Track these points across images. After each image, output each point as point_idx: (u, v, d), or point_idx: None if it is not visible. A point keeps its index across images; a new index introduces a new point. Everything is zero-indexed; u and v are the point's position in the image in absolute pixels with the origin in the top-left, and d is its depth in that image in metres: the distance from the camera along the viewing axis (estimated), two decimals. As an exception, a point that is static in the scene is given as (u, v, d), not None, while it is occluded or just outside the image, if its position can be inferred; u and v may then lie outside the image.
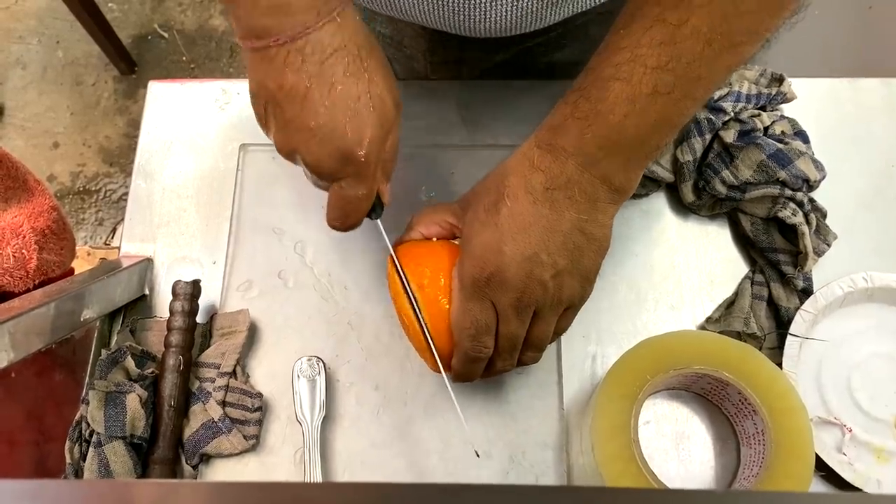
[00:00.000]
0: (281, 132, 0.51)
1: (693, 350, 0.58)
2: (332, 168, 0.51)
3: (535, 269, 0.51)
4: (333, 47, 0.48)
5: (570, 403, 0.64)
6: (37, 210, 0.65)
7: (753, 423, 0.58)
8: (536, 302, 0.52)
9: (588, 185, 0.50)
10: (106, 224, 1.97)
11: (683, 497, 0.25)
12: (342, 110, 0.49)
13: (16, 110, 2.14)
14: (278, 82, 0.49)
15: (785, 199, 0.65)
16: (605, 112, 0.48)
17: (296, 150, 0.51)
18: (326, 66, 0.48)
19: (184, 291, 0.63)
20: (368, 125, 0.50)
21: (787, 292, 0.65)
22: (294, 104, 0.49)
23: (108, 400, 0.59)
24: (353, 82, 0.49)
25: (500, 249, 0.51)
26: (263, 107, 0.51)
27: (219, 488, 0.28)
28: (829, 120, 0.72)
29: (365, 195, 0.54)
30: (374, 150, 0.51)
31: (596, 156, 0.49)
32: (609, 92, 0.47)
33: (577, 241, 0.51)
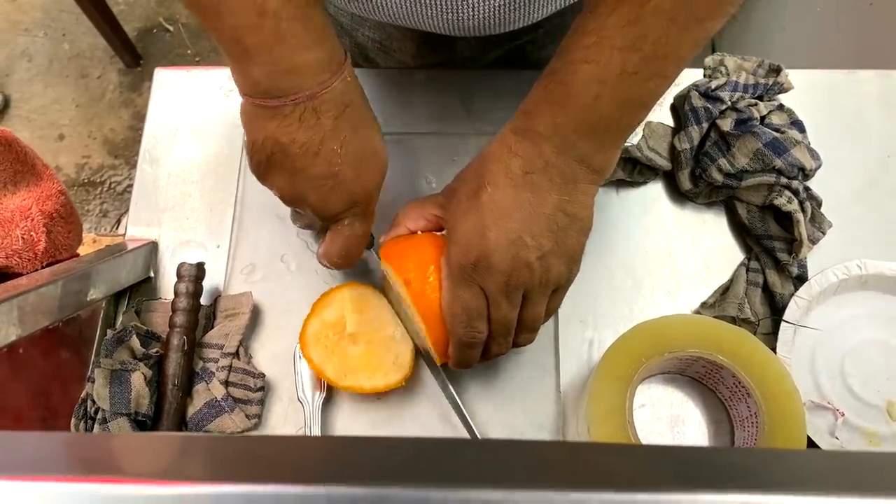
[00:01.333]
0: (289, 180, 0.55)
1: (688, 333, 0.59)
2: (338, 210, 0.56)
3: (520, 252, 0.51)
4: (345, 104, 0.52)
5: (566, 387, 0.65)
6: (45, 194, 0.66)
7: (747, 406, 0.59)
8: (524, 284, 0.53)
9: (566, 168, 0.51)
10: (110, 216, 1.98)
11: (677, 453, 0.26)
12: (352, 160, 0.54)
13: (21, 102, 2.15)
14: (291, 137, 0.52)
15: (780, 188, 0.66)
16: (576, 94, 0.49)
17: (304, 196, 0.55)
18: (340, 121, 0.52)
19: (188, 273, 0.65)
20: (373, 172, 0.56)
21: (781, 279, 0.66)
22: (307, 156, 0.53)
23: (113, 378, 0.60)
24: (361, 135, 0.54)
25: (483, 235, 0.52)
26: (268, 156, 0.54)
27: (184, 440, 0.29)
28: (825, 110, 0.73)
29: (366, 232, 0.59)
30: (376, 197, 0.57)
31: (570, 138, 0.50)
32: (579, 74, 0.48)
33: (561, 223, 0.52)
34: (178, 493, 0.23)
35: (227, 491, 0.23)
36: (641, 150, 0.68)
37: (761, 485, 0.24)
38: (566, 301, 0.66)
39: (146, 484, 0.23)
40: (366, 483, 0.23)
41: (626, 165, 0.70)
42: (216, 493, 0.23)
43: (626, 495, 0.23)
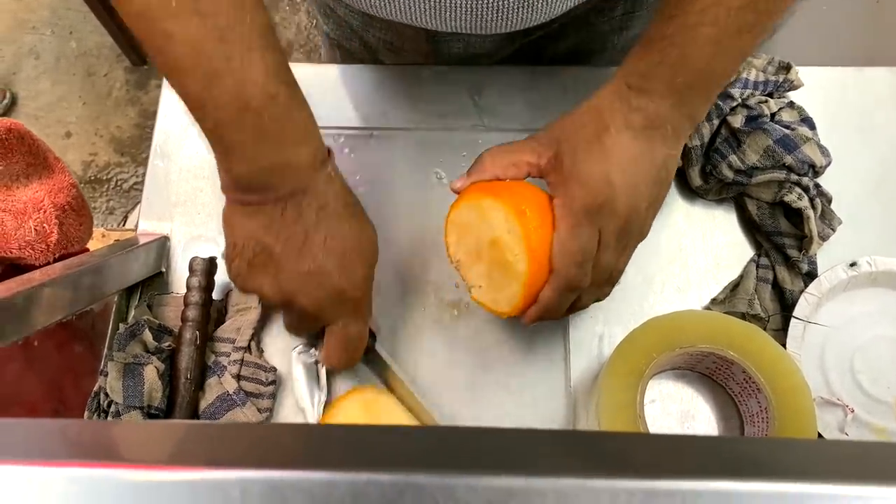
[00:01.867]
0: (274, 281, 0.54)
1: (699, 329, 0.59)
2: (330, 309, 0.56)
3: (637, 200, 0.53)
4: (327, 198, 0.53)
5: (576, 382, 0.65)
6: (57, 186, 0.66)
7: (757, 401, 0.59)
8: (631, 232, 0.55)
9: (677, 122, 0.53)
10: (117, 213, 1.99)
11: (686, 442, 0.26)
12: (338, 255, 0.53)
13: (28, 100, 2.16)
14: (275, 235, 0.52)
15: (791, 184, 0.66)
16: (693, 57, 0.50)
17: (293, 296, 0.54)
18: (322, 215, 0.52)
19: (201, 268, 0.65)
20: (361, 266, 0.56)
21: (791, 275, 0.66)
22: (291, 255, 0.52)
23: (126, 371, 0.61)
24: (346, 229, 0.54)
25: (609, 179, 0.52)
26: (249, 260, 0.54)
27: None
28: (835, 108, 0.73)
29: (363, 330, 0.60)
30: (367, 292, 0.57)
31: (686, 95, 0.52)
32: (697, 37, 0.49)
33: (663, 176, 0.54)
34: (204, 477, 0.23)
35: (250, 476, 0.23)
36: None
37: (778, 473, 0.24)
38: (576, 297, 0.67)
39: (173, 470, 0.23)
40: (388, 469, 0.23)
41: (637, 162, 0.70)
42: (240, 477, 0.23)
43: (645, 482, 0.23)
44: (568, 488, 0.23)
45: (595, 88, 0.56)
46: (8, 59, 2.21)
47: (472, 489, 0.23)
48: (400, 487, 0.23)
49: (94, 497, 0.23)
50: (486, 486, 0.23)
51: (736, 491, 0.23)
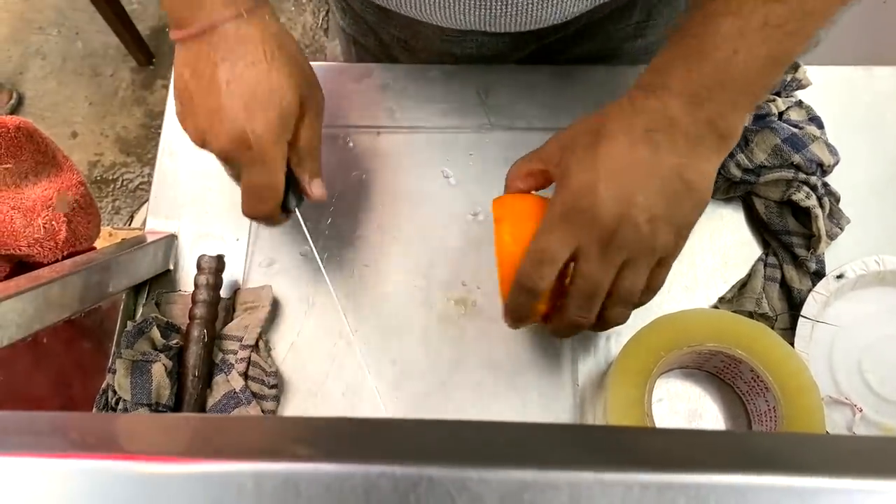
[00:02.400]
0: (192, 119, 0.55)
1: (707, 328, 0.59)
2: (233, 153, 0.55)
3: (630, 211, 0.48)
4: (238, 39, 0.53)
5: (584, 380, 0.65)
6: (66, 184, 0.66)
7: (765, 400, 0.59)
8: (628, 245, 0.49)
9: (691, 128, 0.48)
10: (122, 213, 2.00)
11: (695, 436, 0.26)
12: (240, 94, 0.53)
13: (35, 100, 2.16)
14: (191, 70, 0.54)
15: (799, 183, 0.65)
16: (712, 48, 0.46)
17: (203, 135, 0.55)
18: (231, 55, 0.53)
19: (208, 265, 0.65)
20: (264, 110, 0.53)
21: (799, 274, 0.66)
22: (202, 89, 0.53)
23: (134, 369, 0.61)
24: (253, 70, 0.53)
25: (594, 189, 0.48)
26: (178, 97, 0.55)
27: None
28: (843, 107, 0.73)
29: (267, 184, 0.56)
30: (270, 136, 0.54)
31: (701, 95, 0.47)
32: (717, 27, 0.46)
33: (676, 188, 0.48)
34: (219, 469, 0.23)
35: (264, 468, 0.23)
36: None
37: (791, 467, 0.24)
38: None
39: (187, 462, 0.24)
40: (401, 462, 0.23)
41: (644, 160, 0.70)
42: (254, 470, 0.23)
43: (658, 475, 0.23)
44: (581, 481, 0.23)
45: (605, 88, 0.56)
46: (15, 59, 2.22)
47: (485, 482, 0.23)
48: (413, 480, 0.23)
49: (110, 489, 0.23)
50: (499, 478, 0.23)
51: (749, 484, 0.23)
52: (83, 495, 0.23)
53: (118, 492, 0.23)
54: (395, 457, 0.24)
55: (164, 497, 0.23)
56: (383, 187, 0.72)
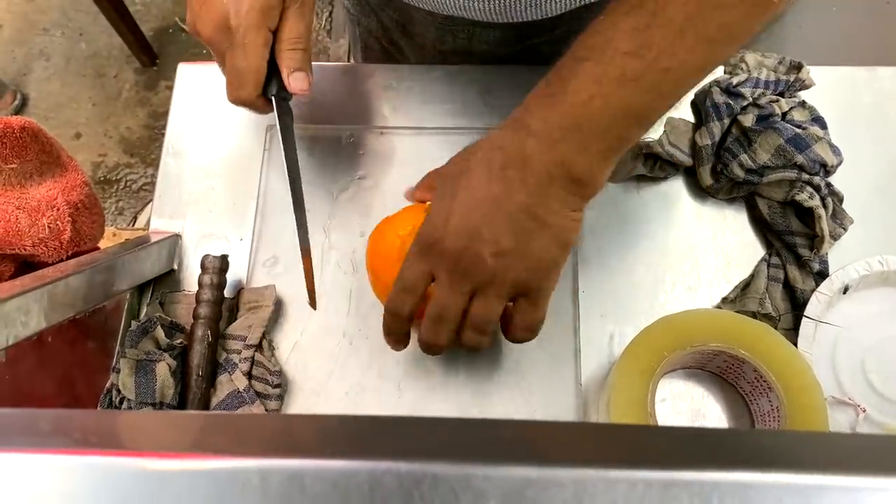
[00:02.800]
0: (190, 10, 0.56)
1: (710, 328, 0.59)
2: (217, 38, 0.55)
3: (473, 244, 0.50)
4: None
5: (587, 380, 0.65)
6: (70, 184, 0.66)
7: (769, 400, 0.59)
8: (472, 277, 0.51)
9: (543, 167, 0.49)
10: (126, 213, 2.00)
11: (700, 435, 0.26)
12: None
13: (39, 101, 2.17)
14: None
15: (802, 183, 0.66)
16: (571, 91, 0.48)
17: (195, 23, 0.56)
18: None
19: (212, 265, 0.65)
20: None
21: (802, 275, 0.66)
22: None
23: (138, 368, 0.61)
24: None
25: (447, 220, 0.51)
26: None
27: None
28: (846, 107, 0.73)
29: (246, 68, 0.56)
30: (250, 20, 0.54)
31: (554, 136, 0.48)
32: (579, 71, 0.48)
33: (526, 225, 0.50)
34: (225, 466, 0.23)
35: (270, 465, 0.23)
36: (662, 146, 0.68)
37: (794, 465, 0.24)
38: (587, 295, 0.67)
39: (194, 458, 0.24)
40: (406, 458, 0.24)
41: (647, 161, 0.70)
42: (260, 466, 0.23)
43: (662, 473, 0.23)
44: (585, 478, 0.23)
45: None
46: (19, 60, 2.22)
47: (488, 478, 0.23)
48: (417, 476, 0.23)
49: (116, 485, 0.23)
50: (502, 475, 0.23)
51: (752, 482, 0.23)
52: (89, 491, 0.23)
53: (123, 487, 0.23)
54: (400, 454, 0.24)
55: (170, 493, 0.23)
56: (386, 187, 0.73)
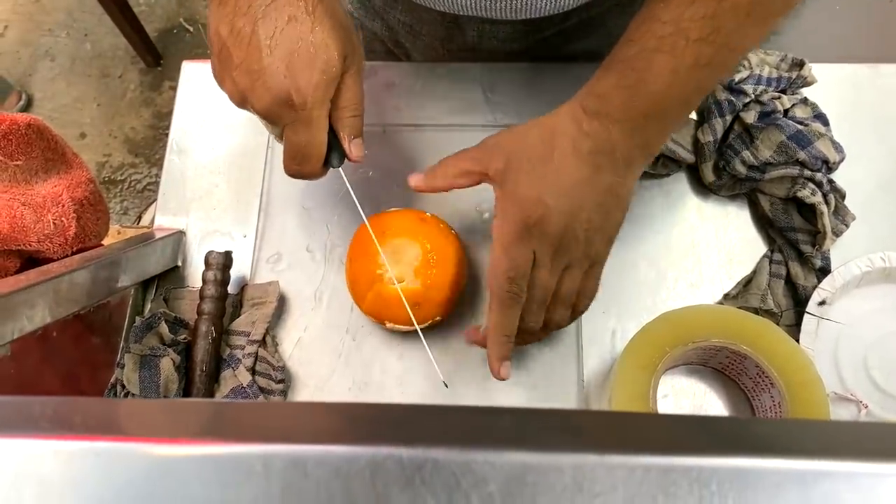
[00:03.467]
0: (231, 78, 0.53)
1: (712, 323, 0.59)
2: (276, 112, 0.53)
3: (573, 223, 0.53)
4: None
5: (589, 376, 0.66)
6: (75, 181, 0.67)
7: (770, 396, 0.59)
8: (569, 254, 0.54)
9: (628, 151, 0.52)
10: (131, 213, 2.00)
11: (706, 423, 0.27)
12: (283, 53, 0.51)
13: (44, 101, 2.17)
14: (229, 26, 0.52)
15: (804, 180, 0.66)
16: (650, 82, 0.50)
17: (244, 94, 0.53)
18: (271, 9, 0.51)
19: (216, 261, 0.65)
20: (308, 69, 0.52)
21: (804, 271, 0.66)
22: (241, 47, 0.52)
23: (142, 363, 0.61)
24: (295, 27, 0.52)
25: (545, 202, 0.53)
26: (217, 55, 0.54)
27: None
28: (849, 104, 0.73)
29: (310, 142, 0.55)
30: (316, 96, 0.53)
31: (639, 122, 0.51)
32: (654, 63, 0.49)
33: (609, 202, 0.54)
34: (227, 451, 0.24)
35: (273, 450, 0.24)
36: (665, 143, 0.69)
37: (793, 451, 0.24)
38: (589, 292, 0.67)
39: (196, 444, 0.24)
40: (407, 444, 0.24)
41: (650, 158, 0.70)
42: (263, 452, 0.24)
43: (661, 458, 0.24)
44: (584, 463, 0.23)
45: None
46: (24, 60, 2.23)
47: (489, 464, 0.23)
48: (419, 462, 0.23)
49: (120, 470, 0.24)
50: (503, 461, 0.23)
51: (751, 467, 0.23)
52: (94, 476, 0.23)
53: (127, 473, 0.24)
54: (401, 440, 0.24)
55: (173, 478, 0.24)
56: (390, 185, 0.73)
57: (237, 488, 0.23)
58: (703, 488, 0.23)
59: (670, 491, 0.23)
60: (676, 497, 0.23)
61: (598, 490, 0.23)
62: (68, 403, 0.27)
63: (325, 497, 0.23)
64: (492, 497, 0.23)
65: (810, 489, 0.23)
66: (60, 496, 0.23)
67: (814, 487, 0.23)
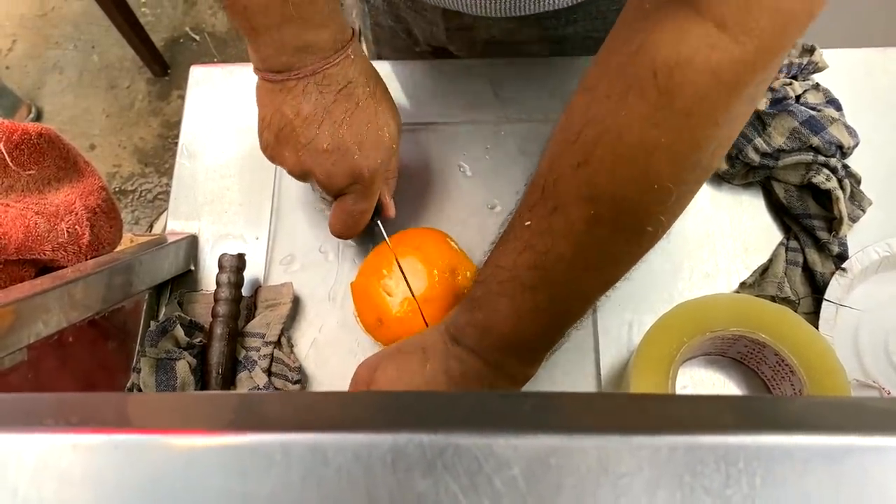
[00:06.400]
0: (295, 155, 0.58)
1: (729, 312, 0.59)
2: (342, 186, 0.59)
3: None
4: (347, 80, 0.56)
5: (606, 369, 0.65)
6: (88, 189, 0.67)
7: (791, 384, 0.58)
8: None
9: (493, 378, 0.53)
10: (142, 223, 2.01)
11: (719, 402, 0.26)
12: (354, 135, 0.57)
13: (53, 114, 2.19)
14: (296, 110, 0.56)
15: (818, 166, 0.65)
16: (497, 324, 0.51)
17: (310, 170, 0.58)
18: (341, 96, 0.56)
19: (230, 264, 0.65)
20: (376, 148, 0.58)
21: (822, 257, 0.65)
22: (311, 130, 0.56)
23: (158, 367, 0.61)
24: (364, 111, 0.57)
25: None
26: (276, 133, 0.58)
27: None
28: (861, 88, 0.73)
29: (367, 209, 0.62)
30: (380, 170, 0.59)
31: (495, 357, 0.53)
32: (498, 306, 0.50)
33: None
34: (246, 441, 0.23)
35: (291, 439, 0.23)
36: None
37: (818, 427, 0.24)
38: (604, 284, 0.67)
39: (215, 434, 0.24)
40: (429, 430, 0.23)
41: (661, 148, 0.69)
42: (282, 440, 0.23)
43: (686, 437, 0.23)
44: (608, 444, 0.23)
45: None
46: (33, 74, 2.24)
47: (512, 447, 0.23)
48: (440, 446, 0.23)
49: (139, 462, 0.23)
50: (526, 444, 0.23)
51: (779, 444, 0.23)
52: (113, 469, 0.23)
53: (147, 465, 0.23)
54: (422, 425, 0.24)
55: (192, 470, 0.23)
56: (401, 183, 0.72)
57: (257, 478, 0.23)
58: (730, 466, 0.23)
59: (697, 470, 0.23)
60: (703, 476, 0.22)
61: (623, 470, 0.23)
62: (85, 399, 0.27)
63: (347, 484, 0.23)
64: (515, 480, 0.23)
65: (839, 465, 0.23)
66: (80, 490, 0.23)
67: (842, 463, 0.23)
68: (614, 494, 0.23)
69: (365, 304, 0.64)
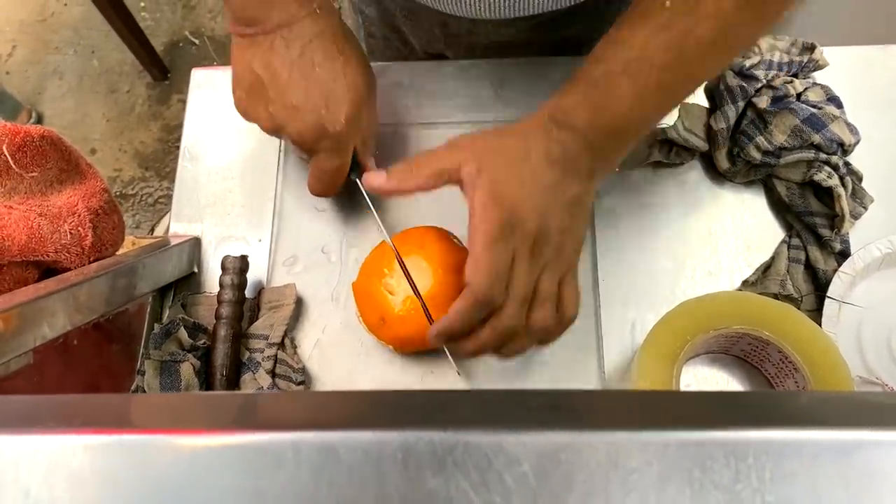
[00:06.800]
0: (266, 111, 0.59)
1: (733, 310, 0.59)
2: (311, 142, 0.59)
3: (547, 224, 0.53)
4: (313, 34, 0.57)
5: (609, 368, 0.65)
6: (90, 191, 0.67)
7: (795, 381, 0.58)
8: (544, 256, 0.54)
9: (590, 163, 0.54)
10: (143, 226, 2.01)
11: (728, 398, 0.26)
12: (320, 91, 0.57)
13: (54, 118, 2.19)
14: (264, 64, 0.57)
15: (820, 163, 0.65)
16: (613, 104, 0.52)
17: (280, 126, 0.59)
18: (307, 50, 0.57)
19: (233, 266, 0.65)
20: (343, 103, 0.58)
21: (824, 255, 0.66)
22: (279, 84, 0.57)
23: (163, 369, 0.61)
24: (329, 66, 0.58)
25: (524, 202, 0.53)
26: (246, 89, 0.59)
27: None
28: (861, 86, 0.73)
29: (340, 166, 0.62)
30: (349, 127, 0.59)
31: (601, 139, 0.53)
32: (618, 86, 0.51)
33: (575, 210, 0.55)
34: (257, 440, 0.24)
35: (302, 438, 0.24)
36: (678, 131, 0.68)
37: (826, 422, 0.24)
38: (607, 284, 0.67)
39: (226, 434, 0.24)
40: (439, 427, 0.24)
41: (663, 147, 0.70)
42: (292, 439, 0.23)
43: (695, 433, 0.23)
44: (619, 440, 0.23)
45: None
46: (33, 79, 2.25)
47: (522, 444, 0.23)
48: (450, 444, 0.23)
49: (150, 462, 0.23)
50: (536, 440, 0.23)
51: (788, 439, 0.23)
52: (124, 468, 0.23)
53: (157, 464, 0.24)
54: (432, 423, 0.24)
55: (203, 469, 0.23)
56: (402, 184, 0.73)
57: (268, 476, 0.23)
58: (740, 461, 0.23)
59: (706, 465, 0.23)
60: (713, 471, 0.23)
61: (633, 466, 0.23)
62: (95, 400, 0.27)
63: (357, 481, 0.23)
64: (525, 476, 0.23)
65: (848, 459, 0.23)
66: (91, 489, 0.23)
67: (851, 457, 0.23)
68: (624, 490, 0.23)
69: (367, 304, 0.63)
